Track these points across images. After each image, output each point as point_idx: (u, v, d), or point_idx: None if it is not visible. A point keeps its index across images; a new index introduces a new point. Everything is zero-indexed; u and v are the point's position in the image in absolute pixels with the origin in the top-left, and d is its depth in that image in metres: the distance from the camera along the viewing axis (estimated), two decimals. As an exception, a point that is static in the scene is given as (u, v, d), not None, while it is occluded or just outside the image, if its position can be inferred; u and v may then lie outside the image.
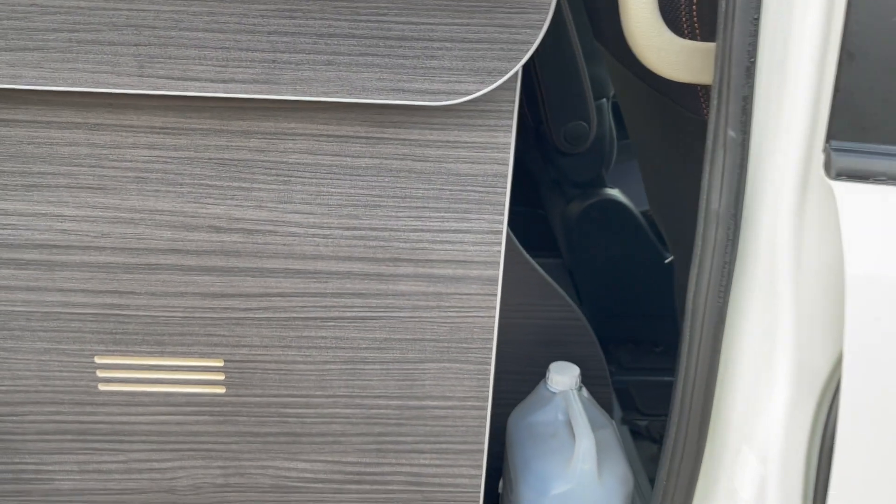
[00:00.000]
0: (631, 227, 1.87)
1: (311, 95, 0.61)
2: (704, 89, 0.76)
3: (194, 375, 0.77)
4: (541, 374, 1.21)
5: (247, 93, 0.61)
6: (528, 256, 1.13)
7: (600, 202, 1.85)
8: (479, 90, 0.61)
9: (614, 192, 1.87)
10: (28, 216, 0.70)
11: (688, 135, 0.88)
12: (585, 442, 1.06)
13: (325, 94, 0.61)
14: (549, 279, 1.18)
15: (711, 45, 0.66)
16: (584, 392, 1.19)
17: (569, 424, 1.13)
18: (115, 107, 0.66)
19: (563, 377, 1.16)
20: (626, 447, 1.40)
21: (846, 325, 0.57)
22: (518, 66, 0.61)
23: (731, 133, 0.63)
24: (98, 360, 0.76)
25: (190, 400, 0.79)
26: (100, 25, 0.58)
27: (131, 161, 0.68)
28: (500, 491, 1.26)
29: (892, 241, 0.56)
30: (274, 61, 0.60)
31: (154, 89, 0.61)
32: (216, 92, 0.61)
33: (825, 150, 0.57)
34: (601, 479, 1.07)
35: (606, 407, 1.23)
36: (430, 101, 0.62)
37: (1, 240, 0.71)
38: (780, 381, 0.66)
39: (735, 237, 0.65)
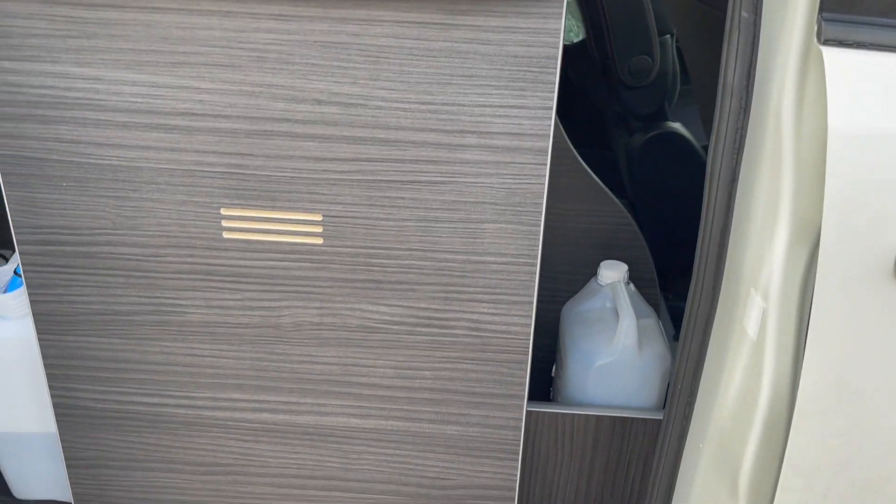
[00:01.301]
0: (691, 158, 1.96)
1: (398, -17, 0.77)
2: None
3: (298, 227, 0.95)
4: (593, 275, 1.35)
5: None
6: (584, 164, 1.27)
7: (662, 134, 1.95)
8: None
9: (676, 126, 1.96)
10: (174, 88, 0.88)
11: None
12: (627, 320, 1.20)
13: (411, -18, 0.77)
14: (604, 186, 1.32)
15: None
16: (632, 287, 1.32)
17: (615, 312, 1.27)
18: (243, -2, 0.83)
19: (612, 272, 1.30)
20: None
21: (827, 172, 0.69)
22: (565, -43, 0.74)
23: (745, 14, 0.75)
24: (223, 211, 0.95)
25: (294, 248, 0.97)
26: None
27: (254, 43, 0.85)
28: (552, 375, 1.42)
29: (869, 99, 0.68)
30: (369, -46, 0.76)
31: None
32: None
33: (818, 21, 0.69)
34: (641, 354, 1.21)
35: (653, 305, 1.36)
36: None
37: (153, 108, 0.90)
38: (781, 229, 0.78)
39: (747, 106, 0.78)
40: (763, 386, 0.80)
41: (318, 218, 0.95)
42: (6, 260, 1.47)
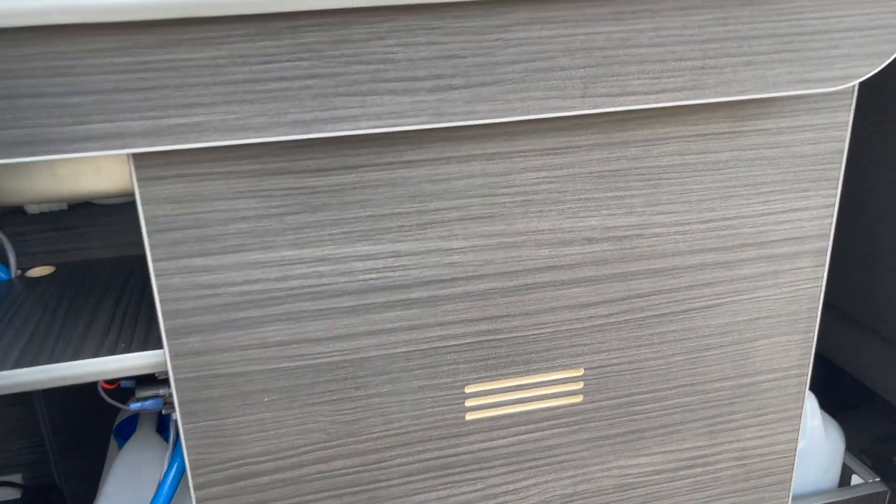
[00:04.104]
0: None
1: (730, 96, 0.66)
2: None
3: (556, 389, 0.79)
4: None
5: (674, 100, 0.65)
6: None
7: None
8: (869, 72, 0.68)
9: None
10: (419, 254, 0.70)
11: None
12: (810, 400, 1.13)
13: (742, 92, 0.66)
14: None
15: None
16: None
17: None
18: (511, 134, 0.68)
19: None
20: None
21: None
22: (904, 46, 0.67)
23: None
24: (468, 389, 0.77)
25: (549, 414, 0.80)
26: (555, 52, 0.61)
27: (520, 185, 0.70)
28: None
29: None
30: (703, 67, 0.64)
31: (594, 108, 0.63)
32: (648, 104, 0.64)
33: None
34: (826, 434, 1.14)
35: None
36: (828, 87, 0.67)
37: (391, 283, 0.71)
38: None
39: None
40: None
41: (580, 373, 0.79)
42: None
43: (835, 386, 1.53)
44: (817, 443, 1.13)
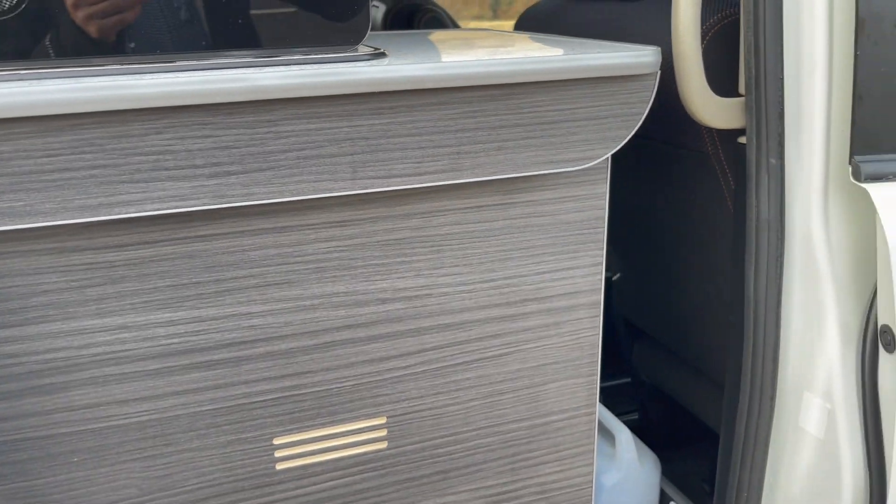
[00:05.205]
0: None
1: (485, 176, 0.76)
2: (709, 131, 0.99)
3: (361, 437, 0.87)
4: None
5: (436, 181, 0.74)
6: None
7: None
8: (606, 154, 0.79)
9: None
10: (219, 319, 0.77)
11: (683, 168, 1.11)
12: (624, 434, 1.25)
13: (494, 173, 0.76)
14: None
15: (736, 99, 0.90)
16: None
17: (594, 428, 1.31)
18: (299, 209, 0.76)
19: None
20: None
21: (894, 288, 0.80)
22: (633, 132, 0.80)
23: (773, 160, 0.86)
24: (276, 441, 0.83)
25: (357, 461, 0.87)
26: (323, 142, 0.69)
27: (313, 254, 0.78)
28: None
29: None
30: (458, 153, 0.74)
31: (364, 189, 0.72)
32: (413, 184, 0.74)
33: (852, 164, 0.81)
34: (642, 465, 1.25)
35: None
36: (572, 167, 0.79)
37: (193, 346, 0.77)
38: (829, 338, 0.88)
39: (782, 236, 0.88)
40: (844, 484, 0.89)
41: (383, 421, 0.87)
42: None
43: (669, 416, 1.67)
44: (633, 474, 1.24)
